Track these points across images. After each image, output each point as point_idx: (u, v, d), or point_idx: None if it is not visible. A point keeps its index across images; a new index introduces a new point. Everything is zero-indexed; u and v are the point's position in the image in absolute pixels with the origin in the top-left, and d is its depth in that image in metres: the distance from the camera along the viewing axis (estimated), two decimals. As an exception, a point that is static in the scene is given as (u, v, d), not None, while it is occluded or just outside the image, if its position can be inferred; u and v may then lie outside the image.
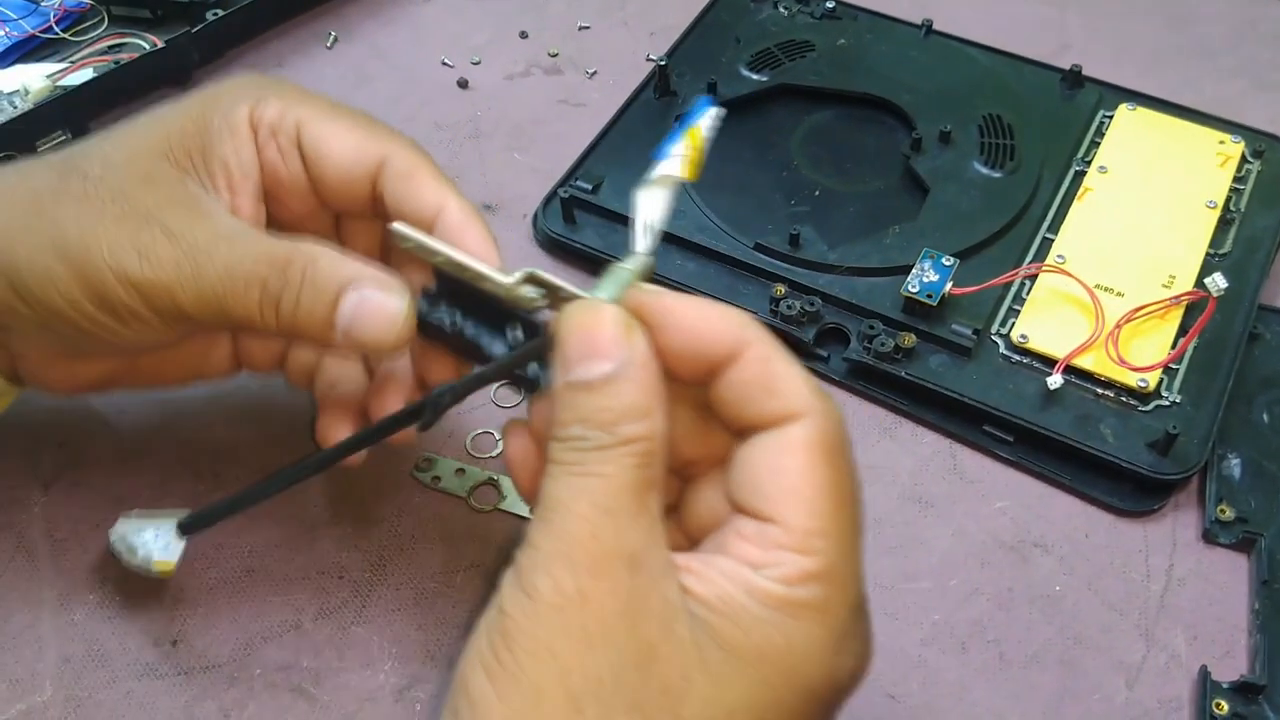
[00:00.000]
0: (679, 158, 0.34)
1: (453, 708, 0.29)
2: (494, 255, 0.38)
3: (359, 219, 0.43)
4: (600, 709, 0.28)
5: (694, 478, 0.35)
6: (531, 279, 0.34)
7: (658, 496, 0.30)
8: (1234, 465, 0.49)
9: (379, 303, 0.36)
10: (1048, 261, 0.54)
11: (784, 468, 0.30)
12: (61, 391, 0.43)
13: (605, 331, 0.31)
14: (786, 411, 0.31)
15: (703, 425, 0.34)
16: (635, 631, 0.28)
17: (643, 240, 0.34)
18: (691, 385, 0.33)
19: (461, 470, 0.49)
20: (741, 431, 0.32)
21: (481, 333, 0.37)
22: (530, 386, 0.37)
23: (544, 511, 0.30)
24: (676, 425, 0.34)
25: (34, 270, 0.37)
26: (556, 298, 0.34)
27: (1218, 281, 0.48)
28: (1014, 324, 0.52)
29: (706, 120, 0.35)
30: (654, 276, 0.35)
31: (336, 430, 0.42)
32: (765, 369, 0.31)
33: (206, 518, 0.41)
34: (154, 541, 0.41)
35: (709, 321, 0.32)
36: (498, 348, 0.37)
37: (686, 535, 0.34)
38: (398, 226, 0.36)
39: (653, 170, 0.34)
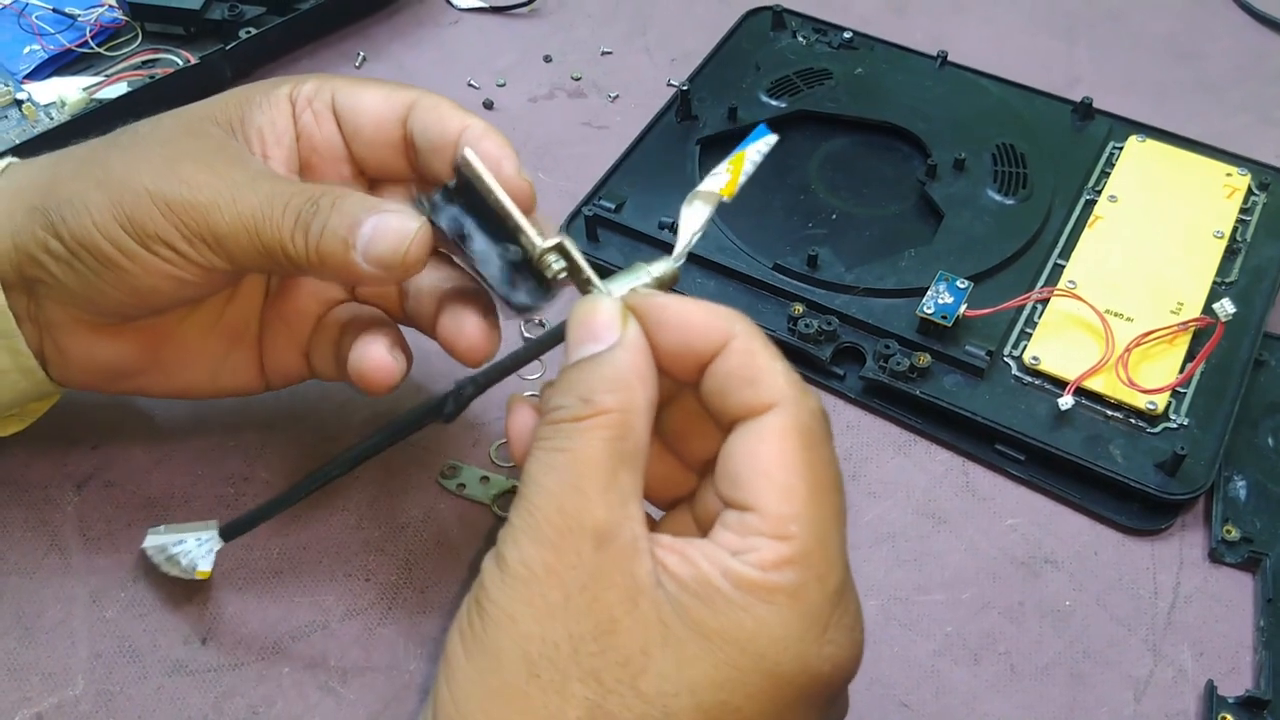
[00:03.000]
0: (720, 176, 0.37)
1: (440, 669, 0.31)
2: (512, 159, 0.40)
3: (392, 184, 0.45)
4: (555, 674, 0.29)
5: (708, 473, 0.36)
6: (560, 249, 0.36)
7: (632, 473, 0.31)
8: (1240, 487, 0.50)
9: (395, 222, 0.38)
10: (1059, 286, 0.55)
11: (759, 454, 0.31)
12: (82, 378, 0.44)
13: (600, 318, 0.33)
14: (764, 401, 0.32)
15: (714, 423, 0.35)
16: (596, 604, 0.29)
17: (679, 246, 0.36)
18: (687, 383, 0.34)
19: (486, 478, 0.50)
20: (729, 425, 0.33)
21: (482, 240, 0.38)
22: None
23: (522, 488, 0.31)
24: (689, 420, 0.35)
25: (72, 200, 0.39)
26: (577, 276, 0.36)
27: (1225, 307, 0.49)
28: (1026, 346, 0.53)
29: (759, 145, 0.38)
30: (677, 289, 0.36)
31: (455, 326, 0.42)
32: (746, 360, 0.32)
33: (246, 523, 0.42)
34: (196, 549, 0.43)
35: (696, 316, 0.33)
36: (493, 258, 0.38)
37: (701, 529, 0.35)
38: (466, 153, 0.37)
39: (697, 186, 0.37)
